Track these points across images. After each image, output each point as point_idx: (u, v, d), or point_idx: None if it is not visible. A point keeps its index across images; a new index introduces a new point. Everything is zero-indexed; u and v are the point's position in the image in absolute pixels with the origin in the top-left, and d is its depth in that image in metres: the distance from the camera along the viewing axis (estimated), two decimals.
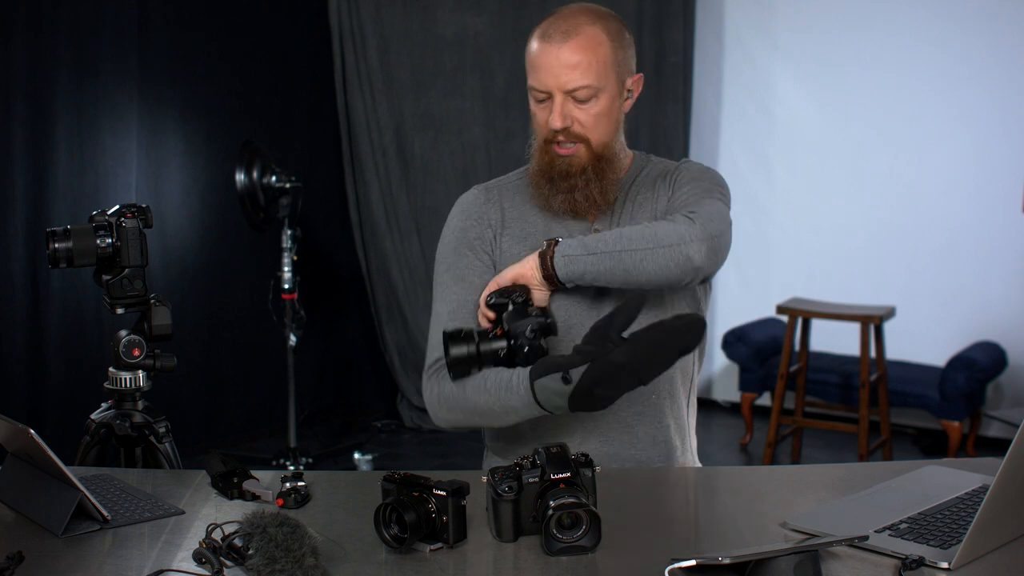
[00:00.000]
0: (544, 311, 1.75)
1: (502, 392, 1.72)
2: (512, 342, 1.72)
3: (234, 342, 5.02)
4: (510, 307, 1.76)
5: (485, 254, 1.91)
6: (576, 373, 1.61)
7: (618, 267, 1.72)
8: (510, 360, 1.74)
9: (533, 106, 1.86)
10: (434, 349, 1.87)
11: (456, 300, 1.88)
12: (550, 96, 1.82)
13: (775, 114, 5.36)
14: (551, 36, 1.81)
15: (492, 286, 1.80)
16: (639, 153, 1.99)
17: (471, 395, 1.77)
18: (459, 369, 1.74)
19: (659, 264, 1.72)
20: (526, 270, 1.78)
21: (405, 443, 5.08)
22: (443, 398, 1.83)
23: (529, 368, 1.68)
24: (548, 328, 1.73)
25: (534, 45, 1.83)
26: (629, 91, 1.89)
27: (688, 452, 1.99)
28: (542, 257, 1.76)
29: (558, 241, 1.77)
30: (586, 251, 1.73)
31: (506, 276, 1.79)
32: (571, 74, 1.79)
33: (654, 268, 1.72)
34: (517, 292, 1.78)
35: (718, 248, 1.75)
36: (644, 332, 1.62)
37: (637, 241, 1.72)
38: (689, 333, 1.62)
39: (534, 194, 1.91)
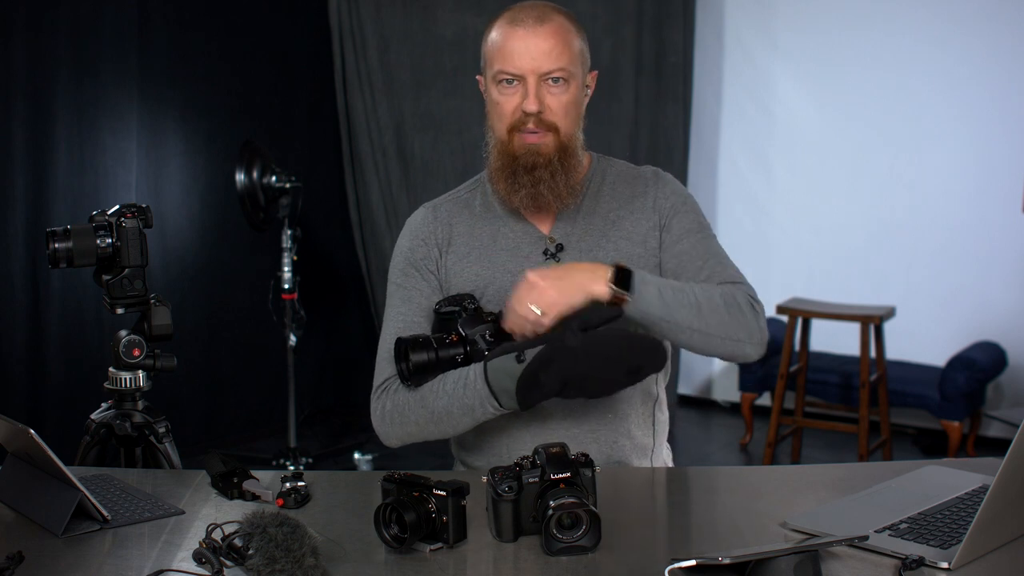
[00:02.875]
0: (497, 316, 1.75)
1: (460, 390, 1.72)
2: (468, 348, 1.73)
3: (234, 342, 5.02)
4: (463, 314, 1.76)
5: (431, 274, 1.91)
6: (531, 354, 1.63)
7: (682, 339, 1.74)
8: (467, 365, 1.74)
9: (497, 95, 1.83)
10: (382, 370, 1.86)
11: (403, 321, 1.88)
12: (521, 81, 1.80)
13: (775, 114, 5.36)
14: (522, 21, 1.81)
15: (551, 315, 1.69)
16: (595, 154, 1.98)
17: (429, 401, 1.76)
18: (419, 377, 1.74)
19: (716, 350, 1.76)
20: (593, 284, 1.68)
21: None
22: (395, 412, 1.81)
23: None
24: (504, 331, 1.73)
25: (502, 31, 1.83)
26: (587, 86, 1.89)
27: (661, 440, 1.99)
28: (617, 281, 1.69)
29: (633, 272, 1.70)
30: (660, 316, 1.70)
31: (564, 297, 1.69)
32: (547, 57, 1.79)
33: (708, 350, 1.76)
34: (468, 299, 1.78)
35: (763, 351, 1.80)
36: (605, 332, 1.64)
37: (712, 326, 1.73)
38: (647, 355, 1.64)
39: (494, 190, 1.89)
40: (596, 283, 1.69)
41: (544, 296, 1.67)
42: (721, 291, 1.78)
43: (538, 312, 1.67)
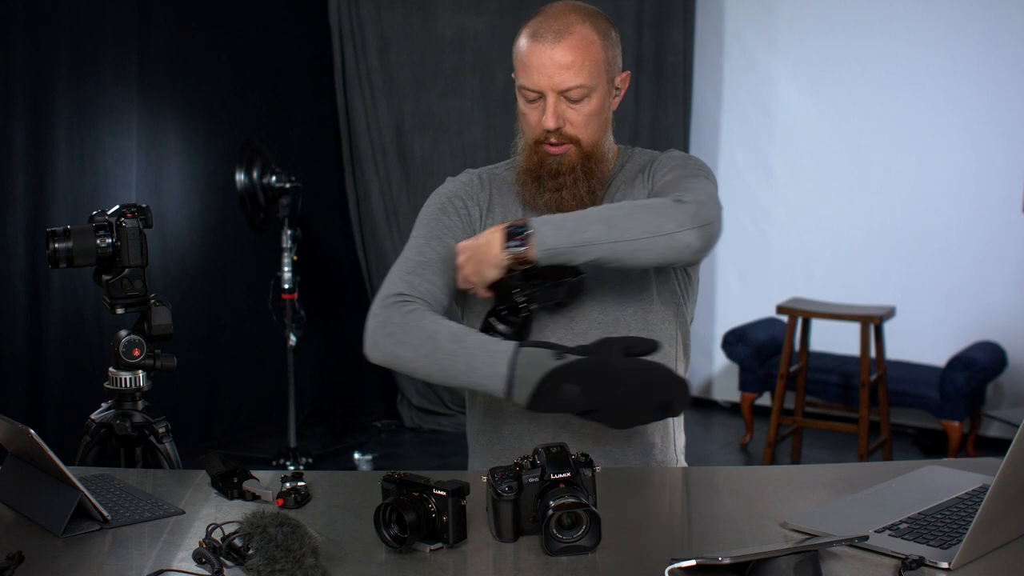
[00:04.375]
0: (576, 270, 1.75)
1: (477, 350, 1.63)
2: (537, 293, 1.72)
3: (234, 342, 5.02)
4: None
5: (467, 223, 1.91)
6: (570, 358, 1.58)
7: (612, 258, 1.66)
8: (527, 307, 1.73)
9: (523, 106, 1.85)
10: (395, 284, 1.80)
11: (427, 253, 1.83)
12: (542, 96, 1.81)
13: (775, 114, 5.36)
14: (543, 36, 1.79)
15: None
16: (623, 147, 1.98)
17: (441, 341, 1.66)
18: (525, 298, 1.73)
19: (655, 253, 1.66)
20: (490, 253, 1.69)
21: (405, 443, 5.08)
22: (398, 328, 1.71)
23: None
24: (580, 285, 1.77)
25: (525, 45, 1.81)
26: (617, 89, 1.89)
27: (671, 450, 1.96)
28: (510, 238, 1.67)
29: (526, 222, 1.67)
30: (571, 242, 1.65)
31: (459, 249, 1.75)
32: (564, 74, 1.78)
33: (649, 258, 1.67)
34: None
35: (712, 235, 1.70)
36: (643, 361, 1.59)
37: (631, 230, 1.65)
38: (678, 391, 1.58)
39: (520, 191, 1.90)
40: (495, 251, 1.68)
41: (465, 272, 1.73)
42: (639, 200, 1.79)
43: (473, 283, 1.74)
